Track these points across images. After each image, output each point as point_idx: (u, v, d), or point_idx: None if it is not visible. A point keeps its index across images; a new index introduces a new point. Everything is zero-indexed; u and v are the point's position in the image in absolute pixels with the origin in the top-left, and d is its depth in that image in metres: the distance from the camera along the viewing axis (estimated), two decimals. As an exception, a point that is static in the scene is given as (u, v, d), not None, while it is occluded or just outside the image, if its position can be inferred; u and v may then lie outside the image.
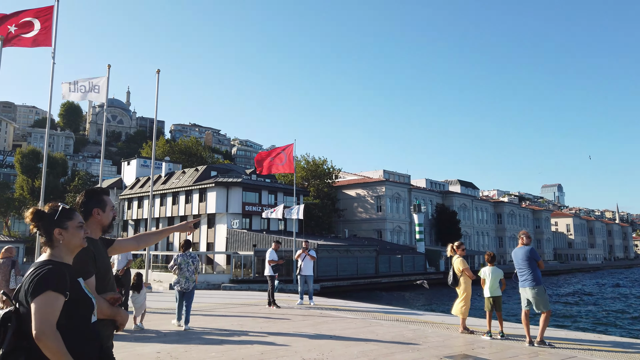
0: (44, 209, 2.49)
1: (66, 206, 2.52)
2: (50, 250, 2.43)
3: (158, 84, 19.60)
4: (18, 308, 2.24)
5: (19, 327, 2.18)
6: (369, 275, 45.40)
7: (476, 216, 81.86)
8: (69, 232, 2.45)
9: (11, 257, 9.70)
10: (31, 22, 13.30)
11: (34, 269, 2.28)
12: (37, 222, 2.44)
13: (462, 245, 9.59)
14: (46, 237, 2.44)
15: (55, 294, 2.18)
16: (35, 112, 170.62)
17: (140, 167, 63.30)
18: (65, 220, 2.47)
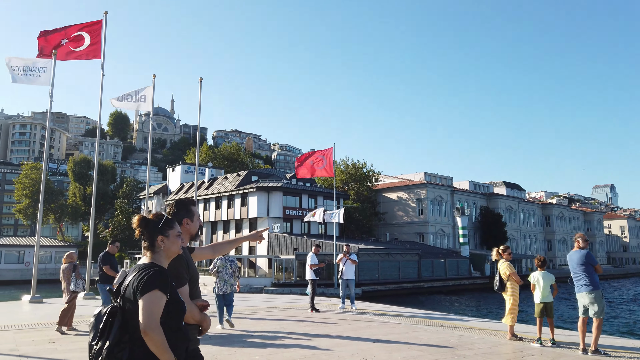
0: (149, 216, 2.71)
1: (169, 216, 2.76)
2: (151, 255, 2.63)
3: (201, 92, 20.09)
4: (123, 304, 2.43)
5: (124, 321, 2.38)
6: (411, 280, 44.74)
7: (523, 219, 79.19)
8: (169, 240, 2.66)
9: (73, 262, 10.31)
10: (82, 36, 13.96)
11: (140, 270, 2.49)
12: (142, 228, 2.66)
13: (509, 249, 9.27)
14: (149, 243, 2.65)
15: (160, 293, 2.38)
16: (86, 122, 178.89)
17: (185, 173, 65.09)
18: (167, 228, 2.69)
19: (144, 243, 2.66)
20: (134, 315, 2.35)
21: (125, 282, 2.50)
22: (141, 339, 2.31)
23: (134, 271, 2.52)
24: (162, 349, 2.30)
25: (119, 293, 2.49)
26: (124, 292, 2.45)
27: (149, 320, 2.29)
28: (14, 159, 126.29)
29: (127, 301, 2.42)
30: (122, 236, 64.24)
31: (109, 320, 2.37)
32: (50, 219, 71.36)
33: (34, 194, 67.72)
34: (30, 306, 13.67)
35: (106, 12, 15.70)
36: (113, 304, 2.46)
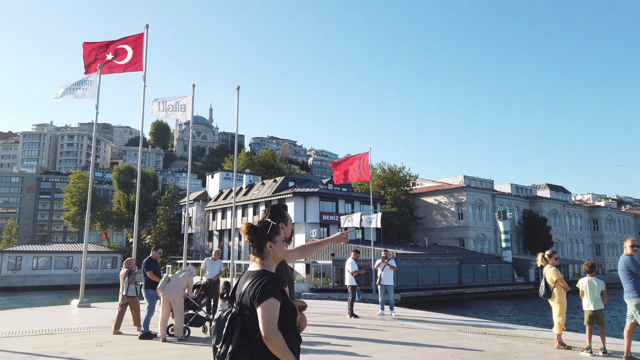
0: (255, 224, 2.82)
1: (274, 223, 2.89)
2: (261, 261, 2.76)
3: (238, 101, 20.44)
4: (241, 310, 2.59)
5: (243, 327, 2.56)
6: (451, 286, 43.85)
7: (569, 222, 76.25)
8: (277, 245, 2.78)
9: (130, 267, 10.81)
10: (124, 49, 14.50)
11: (254, 278, 2.63)
12: (251, 235, 2.79)
13: (555, 254, 8.94)
14: (258, 249, 2.78)
15: (275, 300, 2.52)
16: (129, 132, 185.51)
17: (223, 179, 66.30)
18: (274, 235, 2.81)
19: (252, 249, 2.79)
20: (252, 321, 2.52)
21: (241, 289, 2.65)
22: (259, 342, 2.49)
23: (247, 278, 2.67)
24: (283, 351, 2.47)
25: (234, 299, 2.67)
26: (240, 299, 2.61)
27: (269, 326, 2.45)
28: (62, 168, 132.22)
29: (244, 308, 2.58)
30: (164, 242, 66.08)
31: (230, 325, 2.55)
32: (96, 226, 74.21)
33: (82, 202, 70.68)
34: (79, 310, 14.21)
35: (147, 25, 16.25)
36: (232, 310, 2.63)
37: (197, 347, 8.60)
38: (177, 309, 9.18)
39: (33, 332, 9.87)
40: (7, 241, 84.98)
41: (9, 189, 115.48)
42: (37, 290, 53.72)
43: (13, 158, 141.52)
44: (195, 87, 17.96)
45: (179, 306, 9.19)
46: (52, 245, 66.58)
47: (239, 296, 2.62)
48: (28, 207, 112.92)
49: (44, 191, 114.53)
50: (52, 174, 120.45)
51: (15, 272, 56.65)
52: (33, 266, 58.28)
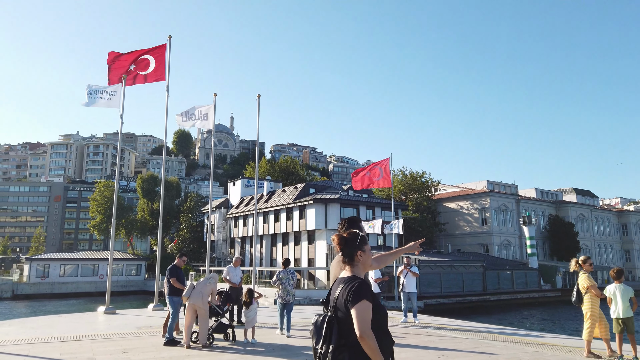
0: (344, 234, 3.06)
1: (363, 233, 3.16)
2: (351, 268, 2.99)
3: (259, 109, 20.62)
4: (336, 313, 2.81)
5: (340, 328, 2.76)
6: (476, 293, 43.14)
7: (597, 227, 74.31)
8: (366, 254, 3.02)
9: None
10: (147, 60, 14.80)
11: (346, 283, 2.85)
12: (342, 245, 3.03)
13: (589, 260, 8.68)
14: (349, 258, 3.01)
15: (367, 302, 2.72)
16: (153, 141, 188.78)
17: (245, 187, 66.82)
18: (363, 244, 3.05)
19: (343, 258, 3.02)
20: (347, 323, 2.73)
21: (335, 294, 2.87)
22: (355, 343, 2.68)
23: (340, 284, 2.89)
24: (375, 352, 2.64)
25: (329, 304, 2.90)
26: (334, 303, 2.83)
27: (363, 326, 2.65)
28: (88, 177, 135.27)
29: (339, 310, 2.79)
30: (187, 249, 66.79)
31: (328, 327, 2.77)
32: (121, 234, 75.53)
33: (107, 210, 72.06)
34: (105, 317, 14.44)
35: (170, 36, 16.57)
36: (328, 314, 2.84)
37: (221, 354, 8.64)
38: (202, 316, 9.25)
39: (61, 338, 10.07)
40: (36, 249, 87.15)
41: (38, 198, 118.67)
42: (65, 297, 54.88)
43: (41, 168, 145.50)
44: (217, 96, 18.21)
45: (203, 313, 9.26)
46: (79, 253, 67.99)
47: (334, 300, 2.84)
48: (55, 215, 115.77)
49: (70, 200, 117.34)
50: (79, 183, 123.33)
51: (43, 280, 58.02)
52: (60, 273, 59.60)
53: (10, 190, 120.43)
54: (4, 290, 56.04)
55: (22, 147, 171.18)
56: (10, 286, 57.22)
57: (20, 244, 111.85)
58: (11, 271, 68.28)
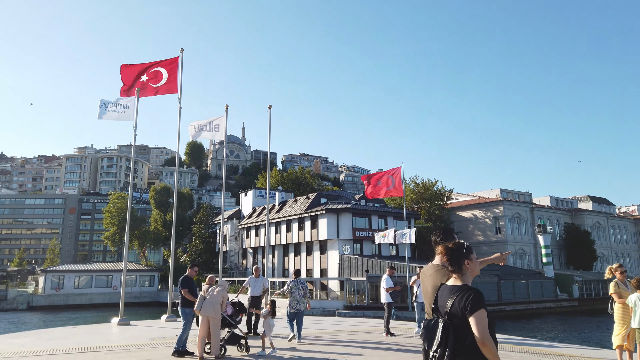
0: (449, 245, 3.27)
1: (468, 243, 3.37)
2: (459, 277, 3.20)
3: (270, 120, 20.72)
4: (450, 320, 3.02)
5: (456, 333, 2.97)
6: (491, 303, 42.50)
7: (614, 235, 73.07)
8: (472, 263, 3.24)
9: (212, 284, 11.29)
10: (160, 72, 14.99)
11: (462, 292, 3.06)
12: (449, 255, 3.25)
13: (621, 268, 8.47)
14: (457, 267, 3.22)
15: (484, 311, 2.95)
16: (165, 153, 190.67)
17: (256, 197, 66.99)
18: (470, 253, 3.26)
19: (451, 267, 3.23)
20: (462, 329, 2.96)
21: (446, 301, 3.08)
22: (471, 347, 2.91)
23: (452, 292, 3.11)
24: (495, 356, 2.87)
25: (438, 310, 3.14)
26: (449, 310, 3.03)
27: (483, 333, 2.87)
28: (102, 189, 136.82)
29: (454, 317, 3.01)
30: (200, 260, 67.00)
31: (444, 333, 2.99)
32: (134, 245, 76.05)
33: (120, 222, 72.69)
34: (119, 328, 14.49)
35: (182, 49, 16.78)
36: (440, 320, 3.05)
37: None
38: (214, 327, 9.23)
39: (76, 350, 10.11)
40: (51, 261, 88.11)
41: (53, 210, 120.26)
42: (79, 308, 55.30)
43: (56, 180, 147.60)
44: (228, 107, 18.36)
45: (216, 324, 9.24)
46: (93, 265, 68.60)
47: (447, 307, 3.05)
48: (70, 227, 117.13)
49: (85, 212, 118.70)
50: (93, 195, 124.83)
51: (58, 291, 58.55)
52: (75, 285, 60.10)
53: (26, 203, 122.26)
54: (19, 302, 56.65)
55: (38, 160, 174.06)
56: (25, 298, 57.85)
57: (36, 256, 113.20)
58: (27, 283, 69.07)
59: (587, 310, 46.73)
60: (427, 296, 3.65)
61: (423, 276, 3.83)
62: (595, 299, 50.63)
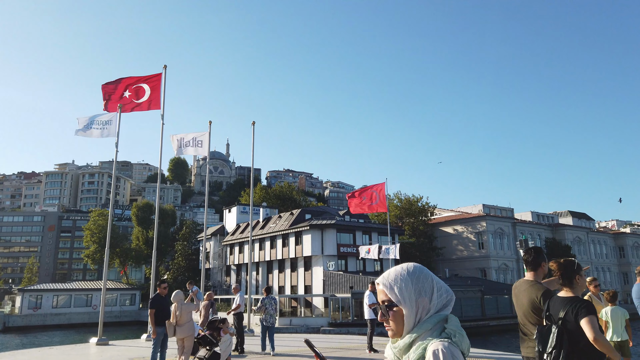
0: (561, 261, 3.95)
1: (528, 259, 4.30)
2: (571, 289, 3.79)
3: (254, 136, 20.77)
4: (564, 325, 3.55)
5: (570, 338, 3.52)
6: (474, 318, 42.63)
7: (594, 250, 74.20)
8: (582, 278, 3.86)
9: (211, 300, 12.65)
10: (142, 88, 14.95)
11: (575, 303, 3.63)
12: (562, 271, 3.85)
13: (595, 281, 8.59)
14: (568, 281, 3.81)
15: (594, 316, 3.55)
16: (148, 169, 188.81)
17: (240, 213, 66.56)
18: (580, 270, 3.89)
19: (562, 281, 3.82)
20: (576, 333, 3.52)
21: (558, 310, 3.63)
22: (584, 349, 3.48)
23: (564, 303, 3.67)
24: (611, 349, 3.46)
25: (551, 317, 3.67)
26: (563, 317, 3.58)
27: (595, 333, 3.44)
28: (83, 206, 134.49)
29: (568, 323, 3.55)
30: (182, 278, 66.00)
31: (559, 337, 3.51)
32: (115, 263, 74.64)
33: (101, 240, 71.34)
34: (97, 348, 14.15)
35: (165, 66, 16.78)
36: (554, 326, 3.58)
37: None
38: (187, 346, 9.10)
39: (51, 371, 9.83)
40: (29, 280, 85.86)
41: (32, 227, 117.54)
42: (57, 328, 53.79)
43: (36, 197, 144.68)
44: (212, 123, 18.35)
45: (188, 344, 9.11)
46: (72, 283, 67.07)
47: (561, 315, 3.60)
48: (49, 245, 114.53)
49: (65, 229, 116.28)
50: (73, 212, 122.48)
51: (35, 311, 56.95)
52: (53, 304, 58.56)
53: (4, 220, 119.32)
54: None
55: (17, 176, 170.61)
56: (1, 318, 56.10)
57: (13, 275, 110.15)
58: (3, 303, 67.10)
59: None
60: (522, 308, 4.28)
61: (517, 290, 4.41)
62: (577, 313, 51.14)
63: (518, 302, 4.32)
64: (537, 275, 4.32)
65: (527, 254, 4.38)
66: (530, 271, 4.36)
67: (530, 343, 4.15)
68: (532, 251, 4.39)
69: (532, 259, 4.34)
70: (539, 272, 4.34)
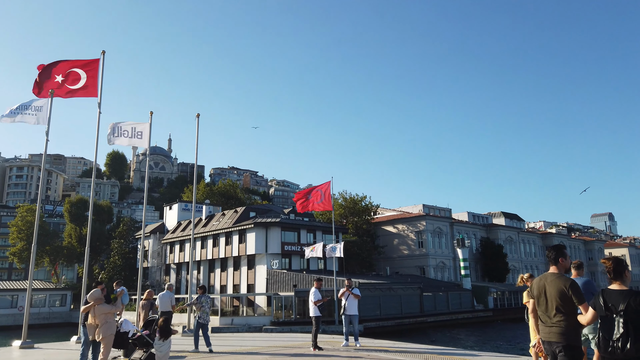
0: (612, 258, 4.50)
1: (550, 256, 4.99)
2: (621, 283, 4.32)
3: (198, 129, 20.10)
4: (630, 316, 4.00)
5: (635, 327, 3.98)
6: (413, 315, 43.82)
7: (523, 249, 78.55)
8: (629, 273, 4.41)
9: (150, 299, 12.61)
10: (77, 74, 14.00)
11: (635, 295, 4.10)
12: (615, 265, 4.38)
13: (532, 278, 8.95)
14: (619, 275, 4.35)
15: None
16: (84, 163, 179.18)
17: (182, 211, 64.65)
18: (627, 266, 4.42)
19: (613, 275, 4.35)
20: (637, 322, 3.98)
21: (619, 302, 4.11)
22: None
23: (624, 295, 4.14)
24: None
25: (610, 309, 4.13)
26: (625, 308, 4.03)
27: None
28: (10, 201, 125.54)
29: (633, 314, 4.01)
30: (118, 277, 63.17)
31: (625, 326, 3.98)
32: (45, 262, 70.21)
33: (29, 237, 66.86)
34: (20, 352, 13.12)
35: (104, 51, 15.84)
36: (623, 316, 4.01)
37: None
38: (105, 347, 8.61)
39: (-34, 378, 8.97)
40: (-55, 280, 78.91)
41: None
42: (-23, 332, 49.72)
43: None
44: (153, 114, 17.55)
45: (107, 343, 8.63)
46: (-5, 283, 62.26)
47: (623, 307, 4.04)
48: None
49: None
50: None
51: (-48, 314, 52.42)
52: (-27, 306, 54.20)
53: None
54: None
55: None
56: None
57: None
58: None
59: (501, 319, 49.56)
60: (552, 298, 4.75)
61: (543, 282, 4.93)
62: (508, 309, 53.85)
63: (549, 292, 4.82)
64: (559, 269, 4.96)
65: (550, 251, 5.09)
66: (552, 265, 5.01)
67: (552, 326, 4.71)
68: (552, 249, 5.06)
69: (554, 256, 5.00)
70: (560, 267, 4.97)
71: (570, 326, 4.58)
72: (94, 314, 8.71)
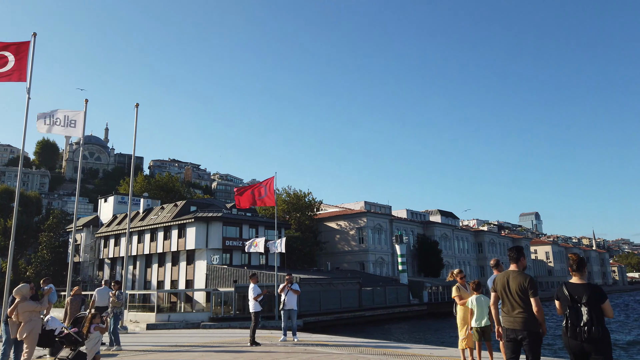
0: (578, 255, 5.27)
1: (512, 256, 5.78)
2: (581, 277, 5.09)
3: (137, 119, 19.43)
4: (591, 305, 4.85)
5: (596, 315, 4.82)
6: (352, 309, 44.69)
7: (457, 246, 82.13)
8: (586, 269, 5.20)
9: (80, 295, 12.66)
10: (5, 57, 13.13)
11: (593, 288, 4.95)
12: (578, 263, 5.15)
13: (461, 273, 9.41)
14: (580, 271, 5.13)
15: (608, 299, 4.88)
16: (10, 151, 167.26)
17: (118, 203, 62.11)
18: (586, 263, 5.17)
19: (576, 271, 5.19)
20: (599, 311, 4.86)
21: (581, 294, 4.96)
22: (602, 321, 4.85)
23: (584, 288, 4.99)
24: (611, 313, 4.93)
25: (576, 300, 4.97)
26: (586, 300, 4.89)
27: (611, 311, 4.92)
28: None
29: (594, 303, 4.86)
30: (46, 272, 59.69)
31: (589, 314, 4.80)
32: (-38, 256, 65.03)
33: (-55, 228, 61.74)
34: None
35: (35, 33, 14.89)
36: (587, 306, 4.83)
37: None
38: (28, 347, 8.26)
39: None
40: None
41: None
42: None
43: None
44: (88, 102, 16.76)
45: (30, 342, 8.28)
46: None
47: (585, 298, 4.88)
48: None
49: None
50: None
51: None
52: None
53: None
54: None
55: None
56: None
57: None
58: None
59: (435, 313, 51.63)
60: (514, 292, 5.52)
61: (507, 278, 5.69)
62: (442, 303, 56.16)
63: (509, 287, 5.62)
64: (518, 266, 5.75)
65: (511, 251, 5.85)
66: (513, 264, 5.78)
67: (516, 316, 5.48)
68: (514, 249, 5.86)
69: (515, 256, 5.78)
70: (520, 265, 5.76)
71: (530, 316, 5.39)
72: (17, 312, 8.29)
